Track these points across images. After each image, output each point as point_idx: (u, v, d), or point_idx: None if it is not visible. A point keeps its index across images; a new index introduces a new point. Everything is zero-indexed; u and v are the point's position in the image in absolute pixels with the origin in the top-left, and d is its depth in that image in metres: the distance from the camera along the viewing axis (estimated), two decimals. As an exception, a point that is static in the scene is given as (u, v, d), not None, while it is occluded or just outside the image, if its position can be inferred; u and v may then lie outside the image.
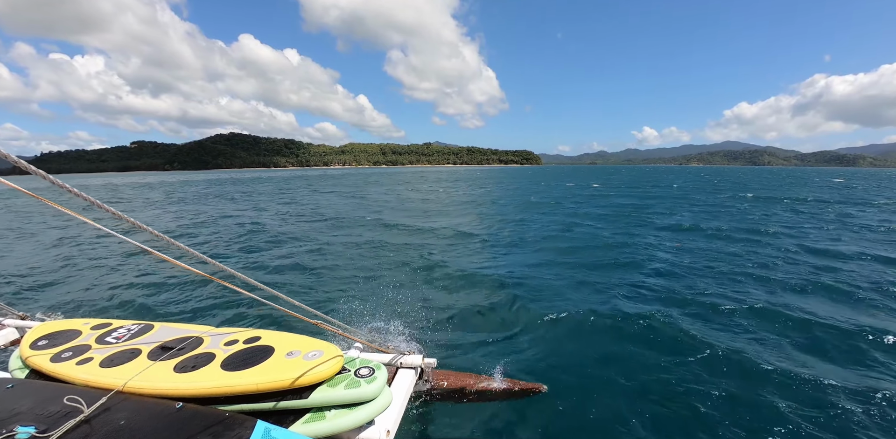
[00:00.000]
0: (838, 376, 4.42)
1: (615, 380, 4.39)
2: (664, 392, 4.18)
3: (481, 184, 47.09)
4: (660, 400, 4.05)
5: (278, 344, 2.53)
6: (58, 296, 7.39)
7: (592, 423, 3.75)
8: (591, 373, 4.53)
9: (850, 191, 33.95)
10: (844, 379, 4.35)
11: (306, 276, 8.36)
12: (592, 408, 3.94)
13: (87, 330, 2.99)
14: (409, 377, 2.89)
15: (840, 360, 4.82)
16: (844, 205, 22.24)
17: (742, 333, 5.47)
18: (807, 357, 4.88)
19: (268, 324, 5.44)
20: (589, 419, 3.80)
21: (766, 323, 5.77)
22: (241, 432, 1.80)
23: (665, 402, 4.01)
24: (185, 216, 19.94)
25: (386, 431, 2.25)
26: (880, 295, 6.90)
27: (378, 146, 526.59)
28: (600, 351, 5.02)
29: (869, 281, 7.68)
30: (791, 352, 4.98)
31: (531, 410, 3.87)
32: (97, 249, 11.70)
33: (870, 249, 10.34)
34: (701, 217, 17.16)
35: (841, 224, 15.01)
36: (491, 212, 19.93)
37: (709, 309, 6.24)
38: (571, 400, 4.05)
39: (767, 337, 5.35)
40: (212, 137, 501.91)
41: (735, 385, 4.26)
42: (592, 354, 4.97)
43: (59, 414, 1.94)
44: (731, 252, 10.16)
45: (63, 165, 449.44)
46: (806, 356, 4.91)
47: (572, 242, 11.76)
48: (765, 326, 5.67)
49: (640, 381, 4.38)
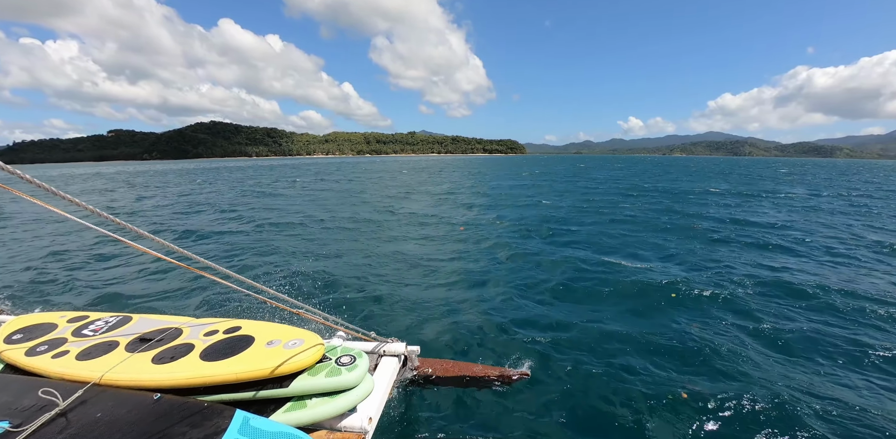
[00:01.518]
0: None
1: (598, 365, 4.50)
2: (646, 376, 4.30)
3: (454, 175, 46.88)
4: (643, 384, 4.16)
5: (259, 333, 2.53)
6: (32, 289, 7.21)
7: (576, 407, 3.84)
8: (575, 358, 4.63)
9: (760, 181, 34.75)
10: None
11: (290, 267, 8.31)
12: (576, 393, 4.03)
13: (64, 323, 2.94)
14: (393, 364, 2.92)
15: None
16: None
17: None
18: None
19: (249, 315, 5.40)
20: (573, 403, 3.89)
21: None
22: (219, 421, 1.81)
23: (649, 387, 4.12)
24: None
25: (368, 418, 2.27)
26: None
27: (362, 135, 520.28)
28: (584, 335, 5.13)
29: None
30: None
31: (516, 396, 3.95)
32: (68, 239, 11.42)
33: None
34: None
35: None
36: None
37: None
38: (554, 386, 4.15)
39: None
40: (192, 126, 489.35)
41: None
42: (577, 339, 5.07)
43: (33, 407, 1.91)
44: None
45: (37, 155, 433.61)
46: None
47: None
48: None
49: (627, 364, 4.50)
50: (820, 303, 6.11)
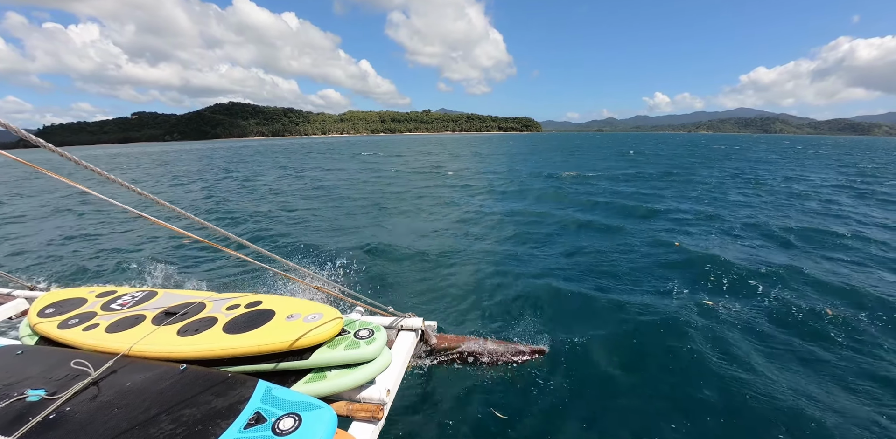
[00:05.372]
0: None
1: (616, 343, 4.48)
2: (665, 356, 4.27)
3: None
4: (660, 364, 4.14)
5: (279, 307, 2.56)
6: (63, 266, 7.52)
7: (592, 384, 3.85)
8: (592, 335, 4.61)
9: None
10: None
11: (308, 240, 8.43)
12: (593, 370, 4.04)
13: (93, 298, 3.04)
14: (410, 339, 2.94)
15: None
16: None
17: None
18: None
19: (270, 289, 5.53)
20: (589, 380, 3.90)
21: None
22: (242, 391, 1.85)
23: (666, 368, 4.10)
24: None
25: (386, 390, 2.30)
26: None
27: (377, 114, 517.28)
28: (601, 314, 5.10)
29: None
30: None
31: (532, 372, 3.96)
32: (97, 219, 11.81)
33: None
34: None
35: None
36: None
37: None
38: (571, 362, 4.15)
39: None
40: (210, 107, 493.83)
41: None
42: (593, 316, 5.05)
43: (67, 377, 1.99)
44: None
45: (66, 138, 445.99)
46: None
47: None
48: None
49: (643, 344, 4.47)
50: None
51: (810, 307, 5.15)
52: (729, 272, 6.26)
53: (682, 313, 5.01)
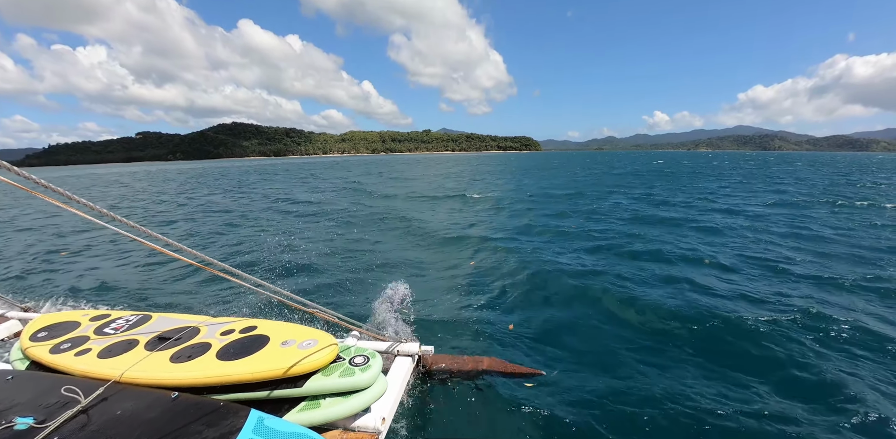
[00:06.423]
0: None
1: (615, 366, 4.41)
2: (668, 384, 4.19)
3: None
4: (664, 394, 4.05)
5: (274, 333, 2.55)
6: (57, 288, 7.45)
7: (591, 408, 3.77)
8: (590, 359, 4.54)
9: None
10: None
11: (302, 267, 8.39)
12: (591, 394, 3.95)
13: (87, 321, 3.02)
14: (406, 365, 2.91)
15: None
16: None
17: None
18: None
19: (265, 314, 5.47)
20: (587, 404, 3.82)
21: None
22: (234, 421, 1.82)
23: (670, 396, 4.02)
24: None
25: (381, 419, 2.27)
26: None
27: (378, 134, 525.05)
28: (602, 336, 5.04)
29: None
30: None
31: (529, 395, 3.88)
32: (92, 242, 11.80)
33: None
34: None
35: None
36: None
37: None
38: (569, 385, 4.07)
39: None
40: (213, 127, 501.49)
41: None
42: (593, 338, 4.99)
43: (56, 404, 1.96)
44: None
45: (71, 157, 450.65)
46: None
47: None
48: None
49: (645, 368, 4.39)
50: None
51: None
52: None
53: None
